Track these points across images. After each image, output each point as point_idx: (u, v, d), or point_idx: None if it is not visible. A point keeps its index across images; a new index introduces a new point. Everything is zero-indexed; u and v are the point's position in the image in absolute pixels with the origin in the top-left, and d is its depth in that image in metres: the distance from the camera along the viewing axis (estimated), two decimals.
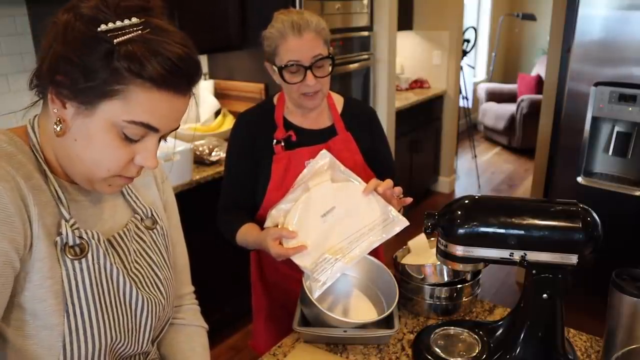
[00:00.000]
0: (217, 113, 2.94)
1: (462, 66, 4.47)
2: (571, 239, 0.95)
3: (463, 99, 4.81)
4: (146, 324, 0.89)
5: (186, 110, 0.79)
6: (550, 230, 0.96)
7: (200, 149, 2.45)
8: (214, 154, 2.45)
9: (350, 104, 1.51)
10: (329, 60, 1.34)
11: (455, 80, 4.35)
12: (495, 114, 5.89)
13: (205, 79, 3.05)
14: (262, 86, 2.83)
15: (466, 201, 1.03)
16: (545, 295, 0.99)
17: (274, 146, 1.41)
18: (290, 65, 1.31)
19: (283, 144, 1.40)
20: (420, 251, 1.39)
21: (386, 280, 1.25)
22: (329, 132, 1.45)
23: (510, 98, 6.04)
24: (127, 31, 0.70)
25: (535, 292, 1.00)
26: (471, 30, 4.93)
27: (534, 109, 5.15)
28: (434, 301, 1.27)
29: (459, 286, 1.26)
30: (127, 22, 0.71)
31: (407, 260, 1.36)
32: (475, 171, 4.97)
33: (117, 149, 0.75)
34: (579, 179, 2.35)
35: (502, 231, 0.98)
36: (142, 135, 0.76)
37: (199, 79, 0.78)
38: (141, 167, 0.81)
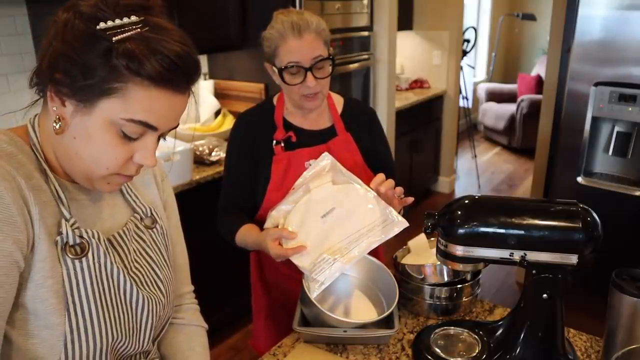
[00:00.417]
0: (217, 113, 2.94)
1: (462, 66, 4.47)
2: (571, 239, 0.95)
3: (463, 99, 4.81)
4: (147, 322, 0.89)
5: (185, 109, 0.79)
6: (550, 230, 0.96)
7: (200, 149, 2.45)
8: (214, 154, 2.45)
9: (350, 104, 1.51)
10: (329, 61, 1.33)
11: (455, 80, 4.35)
12: (495, 114, 5.89)
13: (205, 79, 3.04)
14: (262, 86, 2.83)
15: (466, 201, 1.03)
16: (545, 295, 0.99)
17: (273, 147, 1.40)
18: (290, 67, 1.30)
19: (283, 145, 1.40)
20: (420, 251, 1.39)
21: (386, 280, 1.25)
22: (329, 132, 1.44)
23: (510, 98, 6.04)
24: (126, 29, 0.70)
25: (535, 292, 1.00)
26: (471, 30, 4.93)
27: (534, 109, 5.14)
28: (434, 301, 1.27)
29: (459, 286, 1.26)
30: (126, 20, 0.71)
31: (407, 260, 1.36)
32: (475, 171, 4.97)
33: (116, 147, 0.75)
34: (579, 179, 2.35)
35: (502, 231, 0.98)
36: (140, 134, 0.76)
37: (198, 77, 0.78)
38: (140, 166, 0.81)
